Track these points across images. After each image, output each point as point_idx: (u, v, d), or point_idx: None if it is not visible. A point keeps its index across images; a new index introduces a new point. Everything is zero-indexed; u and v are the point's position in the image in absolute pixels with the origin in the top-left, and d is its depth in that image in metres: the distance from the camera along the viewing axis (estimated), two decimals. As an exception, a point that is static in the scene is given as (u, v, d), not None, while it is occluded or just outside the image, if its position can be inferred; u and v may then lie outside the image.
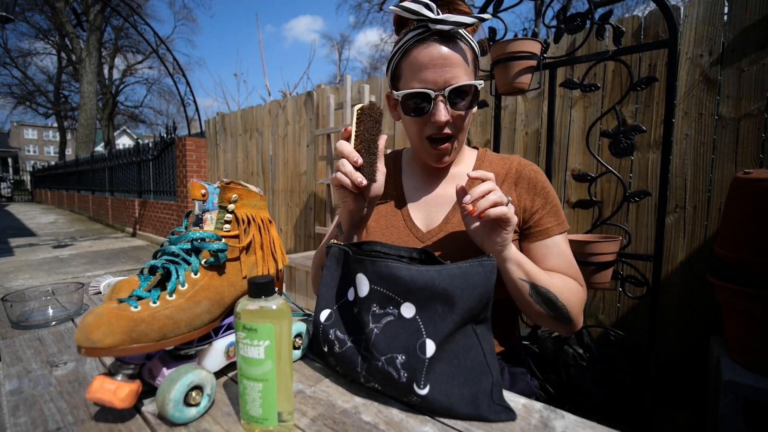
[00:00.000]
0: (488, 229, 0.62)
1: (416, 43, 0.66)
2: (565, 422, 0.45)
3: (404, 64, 0.68)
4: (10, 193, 20.14)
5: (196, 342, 0.52)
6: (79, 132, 13.79)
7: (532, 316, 0.68)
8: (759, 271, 1.07)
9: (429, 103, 0.66)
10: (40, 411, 0.47)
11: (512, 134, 2.24)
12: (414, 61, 0.66)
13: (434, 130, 0.69)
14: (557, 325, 0.68)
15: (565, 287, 0.67)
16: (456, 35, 0.66)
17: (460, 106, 0.67)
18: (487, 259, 0.49)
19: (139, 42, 19.03)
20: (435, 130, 0.69)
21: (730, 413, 1.12)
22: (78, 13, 15.48)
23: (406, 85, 0.68)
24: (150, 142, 6.34)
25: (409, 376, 0.46)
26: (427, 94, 0.66)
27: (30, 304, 0.79)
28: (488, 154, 0.80)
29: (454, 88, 0.65)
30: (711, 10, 1.65)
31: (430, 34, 0.65)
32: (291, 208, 3.91)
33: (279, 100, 4.00)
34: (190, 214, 0.56)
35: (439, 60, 0.64)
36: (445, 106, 0.66)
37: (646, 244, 1.82)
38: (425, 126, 0.69)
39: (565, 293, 0.66)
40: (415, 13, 0.64)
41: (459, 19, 0.63)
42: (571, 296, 0.67)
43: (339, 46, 17.59)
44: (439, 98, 0.66)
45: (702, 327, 1.69)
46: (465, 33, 0.68)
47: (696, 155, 1.70)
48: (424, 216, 0.76)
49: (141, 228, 6.74)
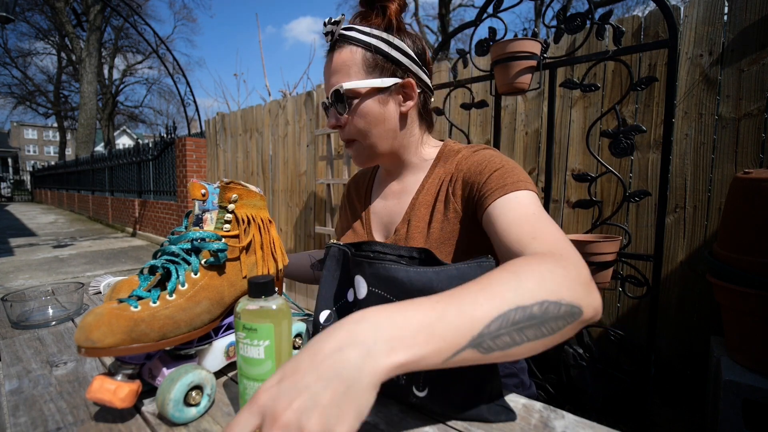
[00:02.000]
0: None
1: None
2: (565, 422, 0.45)
3: None
4: (10, 193, 20.15)
5: (196, 342, 0.52)
6: (79, 132, 13.79)
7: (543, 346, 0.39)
8: (759, 271, 1.07)
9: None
10: (40, 411, 0.47)
11: (512, 134, 2.24)
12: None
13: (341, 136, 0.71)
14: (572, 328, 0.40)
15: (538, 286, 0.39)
16: (340, 41, 0.65)
17: (342, 111, 0.66)
18: (486, 260, 0.49)
19: (139, 42, 19.06)
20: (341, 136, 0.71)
21: (730, 413, 1.12)
22: (78, 13, 15.48)
23: None
24: (150, 142, 6.34)
25: (407, 379, 0.46)
26: (326, 104, 0.69)
27: (30, 304, 0.79)
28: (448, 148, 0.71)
29: (332, 93, 0.66)
30: (711, 10, 1.64)
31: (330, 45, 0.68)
32: (291, 208, 3.91)
33: (279, 100, 4.00)
34: (190, 214, 0.56)
35: (326, 69, 0.67)
36: (335, 113, 0.68)
37: (646, 244, 1.82)
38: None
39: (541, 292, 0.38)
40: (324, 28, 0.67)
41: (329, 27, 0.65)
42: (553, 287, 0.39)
43: (339, 46, 17.53)
44: (327, 107, 0.69)
45: (702, 327, 1.69)
46: (358, 33, 0.64)
47: (696, 155, 1.70)
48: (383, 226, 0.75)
49: (141, 228, 6.74)
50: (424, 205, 0.68)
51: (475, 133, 2.40)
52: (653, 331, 1.25)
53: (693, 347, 1.71)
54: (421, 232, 0.66)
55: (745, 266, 1.10)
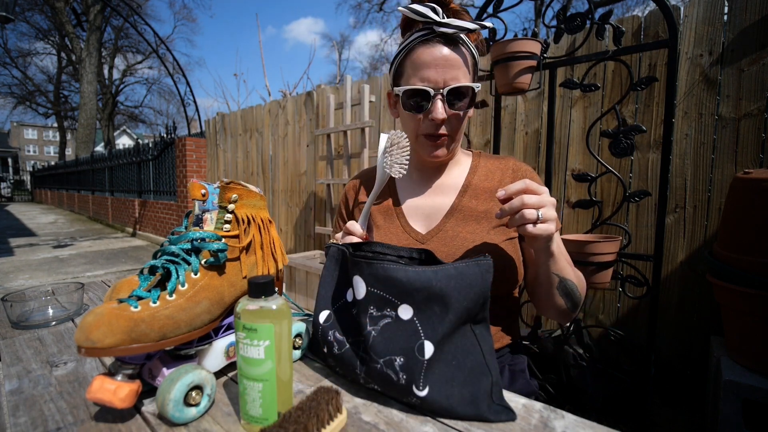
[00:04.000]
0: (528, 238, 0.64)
1: (421, 43, 0.69)
2: (565, 422, 0.45)
3: (407, 63, 0.70)
4: (10, 193, 20.15)
5: (196, 342, 0.52)
6: (79, 132, 13.79)
7: (547, 307, 0.71)
8: (759, 271, 1.07)
9: (428, 101, 0.68)
10: (40, 411, 0.47)
11: (512, 134, 2.24)
12: (417, 59, 0.69)
13: (431, 129, 0.70)
14: (565, 316, 0.71)
15: (579, 279, 0.71)
16: (458, 39, 0.69)
17: (458, 107, 0.69)
18: (483, 259, 0.49)
19: (139, 42, 19.06)
20: (432, 129, 0.70)
21: (730, 413, 1.12)
22: (78, 13, 15.49)
23: (407, 82, 0.71)
24: (150, 142, 6.34)
25: (407, 378, 0.46)
26: (426, 92, 0.68)
27: (30, 304, 0.79)
28: (483, 158, 0.81)
29: (453, 88, 0.67)
30: (711, 10, 1.65)
31: (434, 35, 0.68)
32: (291, 208, 3.91)
33: (279, 100, 4.00)
34: (190, 214, 0.56)
35: (441, 60, 0.67)
36: (443, 105, 0.68)
37: (646, 244, 1.82)
38: (422, 123, 0.71)
39: (581, 284, 0.70)
40: (422, 15, 0.67)
41: (463, 24, 0.66)
42: (583, 287, 0.71)
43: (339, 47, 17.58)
44: (438, 97, 0.68)
45: (702, 327, 1.69)
46: (467, 39, 0.70)
47: (696, 155, 1.70)
48: (422, 219, 0.76)
49: (141, 228, 6.74)
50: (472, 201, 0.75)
51: (475, 133, 2.40)
52: (653, 331, 1.25)
53: (693, 347, 1.71)
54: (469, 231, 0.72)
55: (745, 266, 1.10)
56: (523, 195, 0.55)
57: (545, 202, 0.56)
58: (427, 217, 0.76)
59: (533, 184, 0.56)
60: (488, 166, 0.79)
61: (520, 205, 0.55)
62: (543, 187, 0.57)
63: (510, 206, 0.56)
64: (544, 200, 0.56)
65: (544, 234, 0.56)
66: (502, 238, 0.71)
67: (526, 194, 0.55)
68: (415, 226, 0.76)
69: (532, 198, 0.55)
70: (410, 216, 0.78)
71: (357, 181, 0.88)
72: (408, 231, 0.75)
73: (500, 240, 0.70)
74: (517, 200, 0.55)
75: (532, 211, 0.55)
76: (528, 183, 0.56)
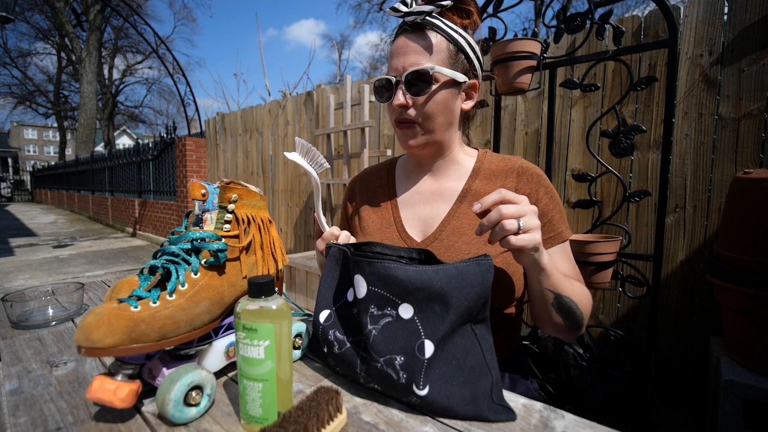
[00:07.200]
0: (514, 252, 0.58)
1: (394, 36, 0.71)
2: (565, 422, 0.45)
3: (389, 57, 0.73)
4: (10, 193, 20.15)
5: (196, 342, 0.52)
6: (79, 132, 13.79)
7: (544, 324, 0.66)
8: (759, 271, 1.07)
9: (391, 89, 0.69)
10: (40, 411, 0.47)
11: (512, 134, 2.24)
12: (390, 52, 0.71)
13: (396, 114, 0.71)
14: (566, 334, 0.66)
15: (583, 296, 0.65)
16: (427, 25, 0.68)
17: (419, 91, 0.67)
18: (484, 259, 0.49)
19: (139, 42, 19.05)
20: (397, 114, 0.71)
21: (730, 413, 1.12)
22: (78, 13, 15.49)
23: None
24: (150, 142, 6.34)
25: (408, 377, 0.46)
26: (389, 80, 0.69)
27: (30, 304, 0.79)
28: (488, 155, 0.78)
29: (409, 72, 0.66)
30: (711, 10, 1.65)
31: (403, 26, 0.70)
32: (291, 208, 3.91)
33: (279, 100, 4.00)
34: (190, 214, 0.56)
35: (403, 48, 0.68)
36: (404, 91, 0.68)
37: (646, 244, 1.82)
38: (392, 111, 0.72)
39: (583, 302, 0.65)
40: (393, 10, 0.68)
41: (420, 8, 0.67)
42: (587, 305, 0.66)
43: (339, 47, 17.58)
44: (399, 84, 0.68)
45: (702, 327, 1.69)
46: (444, 24, 0.68)
47: (696, 155, 1.70)
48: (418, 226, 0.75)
49: (141, 228, 6.74)
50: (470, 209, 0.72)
51: (476, 133, 2.40)
52: (653, 331, 1.25)
53: (693, 347, 1.71)
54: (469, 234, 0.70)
55: (745, 266, 1.10)
56: (500, 206, 0.52)
57: (525, 211, 0.52)
58: (424, 223, 0.74)
59: (510, 193, 0.53)
60: (492, 168, 0.75)
61: (499, 217, 0.51)
62: (521, 196, 0.53)
63: (488, 219, 0.52)
64: (523, 209, 0.52)
65: (529, 245, 0.52)
66: (499, 249, 0.66)
67: (503, 204, 0.52)
68: (411, 233, 0.75)
69: (510, 208, 0.51)
70: (407, 222, 0.76)
71: (354, 183, 0.89)
72: (404, 238, 0.74)
73: (498, 252, 0.66)
74: (495, 212, 0.52)
75: (513, 221, 0.51)
76: (504, 192, 0.53)
